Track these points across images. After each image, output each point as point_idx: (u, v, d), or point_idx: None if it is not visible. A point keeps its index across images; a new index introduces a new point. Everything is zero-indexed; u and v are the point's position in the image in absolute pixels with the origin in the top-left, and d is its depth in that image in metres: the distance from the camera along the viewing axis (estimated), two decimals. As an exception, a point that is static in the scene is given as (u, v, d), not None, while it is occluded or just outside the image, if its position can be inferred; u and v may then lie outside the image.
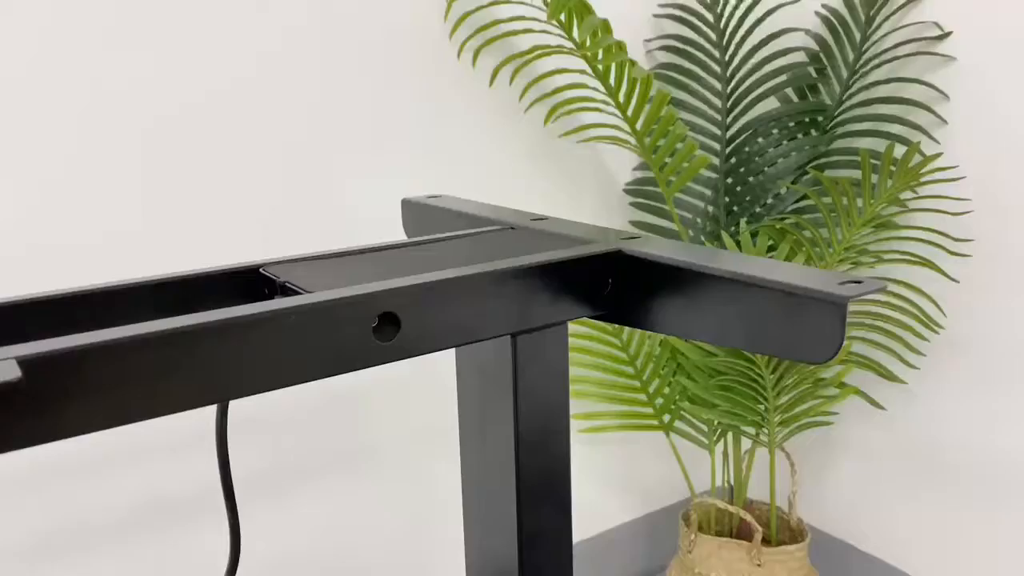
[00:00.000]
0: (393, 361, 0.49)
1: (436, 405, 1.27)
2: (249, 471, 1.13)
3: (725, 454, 1.41)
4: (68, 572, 1.02)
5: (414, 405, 1.25)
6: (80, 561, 1.03)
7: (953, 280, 1.20)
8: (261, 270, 0.56)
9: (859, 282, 0.47)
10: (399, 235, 1.14)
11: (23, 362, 0.38)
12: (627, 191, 1.40)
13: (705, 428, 1.37)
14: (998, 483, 1.25)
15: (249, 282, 0.56)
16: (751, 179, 1.31)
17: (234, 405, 1.10)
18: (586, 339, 1.32)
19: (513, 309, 0.55)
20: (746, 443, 1.51)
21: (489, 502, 0.65)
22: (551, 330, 0.60)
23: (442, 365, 1.26)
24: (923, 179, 1.14)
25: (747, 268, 0.51)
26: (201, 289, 0.54)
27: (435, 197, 0.80)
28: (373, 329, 0.49)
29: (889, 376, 1.27)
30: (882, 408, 1.29)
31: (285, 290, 0.52)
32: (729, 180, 1.33)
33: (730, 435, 1.45)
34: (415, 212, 0.79)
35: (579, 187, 1.36)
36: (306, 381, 0.47)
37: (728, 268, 0.51)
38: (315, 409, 1.17)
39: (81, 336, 0.41)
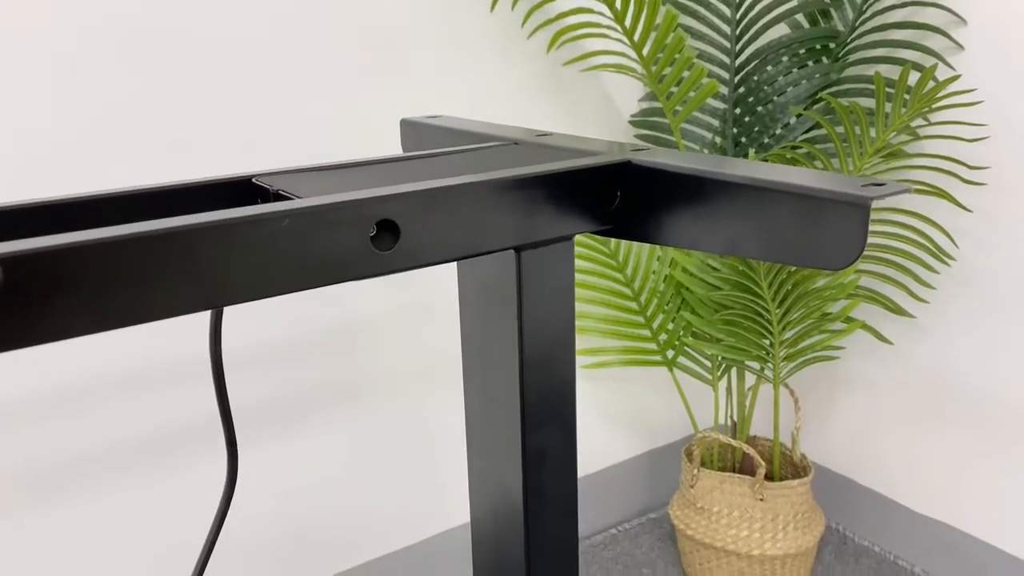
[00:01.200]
0: (393, 272, 0.47)
1: (437, 339, 1.26)
2: (248, 405, 1.12)
3: (728, 390, 1.41)
4: (68, 503, 1.02)
5: (414, 339, 1.24)
6: (80, 493, 1.02)
7: (966, 210, 1.18)
8: (253, 180, 0.53)
9: (881, 184, 0.45)
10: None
11: (3, 260, 0.36)
12: (632, 123, 1.37)
13: (709, 364, 1.36)
14: (1004, 418, 1.25)
15: (241, 192, 0.54)
16: (760, 108, 1.27)
17: (232, 339, 1.09)
18: (590, 275, 1.30)
19: (517, 221, 0.53)
20: (750, 379, 1.50)
21: (493, 424, 0.63)
22: (556, 246, 0.58)
23: (443, 297, 1.25)
24: (939, 104, 1.11)
25: (764, 174, 0.49)
26: (191, 199, 0.52)
27: (434, 117, 0.77)
28: (371, 239, 0.47)
29: (897, 310, 1.25)
30: (889, 343, 1.27)
31: (279, 197, 0.50)
32: (737, 110, 1.29)
33: (734, 371, 1.44)
34: (414, 132, 0.76)
35: (583, 119, 1.33)
36: (302, 289, 0.45)
37: (744, 174, 0.49)
38: (316, 344, 1.15)
39: (65, 235, 0.39)
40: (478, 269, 0.59)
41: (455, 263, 1.11)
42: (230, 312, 1.08)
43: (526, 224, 0.53)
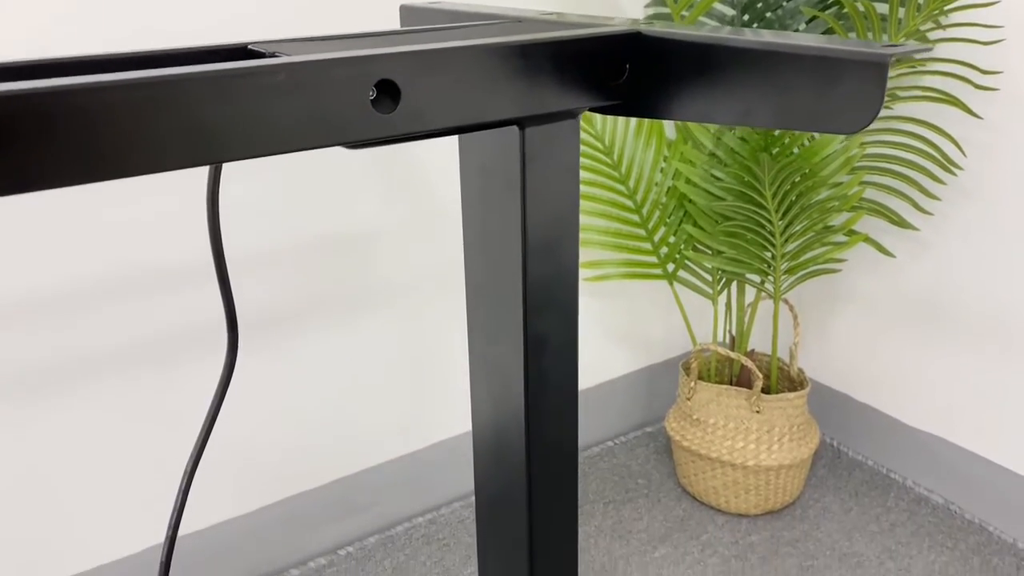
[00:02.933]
0: (392, 134, 0.46)
1: (438, 249, 1.25)
2: (247, 312, 1.12)
3: (728, 305, 1.40)
4: (68, 402, 1.02)
5: (416, 248, 1.23)
6: (81, 391, 1.03)
7: (976, 116, 1.15)
8: (249, 47, 0.51)
9: (899, 45, 0.43)
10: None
11: (-11, 100, 0.35)
12: (637, 30, 1.33)
13: (709, 278, 1.36)
14: (1005, 333, 1.25)
15: (237, 58, 0.52)
16: (769, 15, 1.23)
17: (231, 245, 1.08)
18: (591, 186, 1.28)
19: (520, 91, 0.51)
20: (749, 295, 1.50)
21: (494, 309, 0.63)
22: (561, 123, 0.56)
23: (446, 206, 1.23)
24: (953, 4, 1.07)
25: (778, 39, 0.47)
26: (186, 62, 0.50)
27: (436, 2, 0.74)
28: (372, 101, 0.45)
29: (901, 223, 1.24)
30: (891, 256, 1.27)
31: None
32: (746, 16, 1.26)
33: (734, 286, 1.43)
34: (414, 17, 0.74)
35: (587, 25, 1.29)
36: (301, 148, 0.43)
37: (758, 40, 0.47)
38: (315, 251, 1.14)
39: (55, 80, 0.37)
40: (480, 147, 0.58)
41: (457, 146, 1.08)
42: (227, 217, 1.07)
43: (530, 95, 0.52)
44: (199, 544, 1.16)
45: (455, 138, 1.19)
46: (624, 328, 1.52)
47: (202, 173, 1.03)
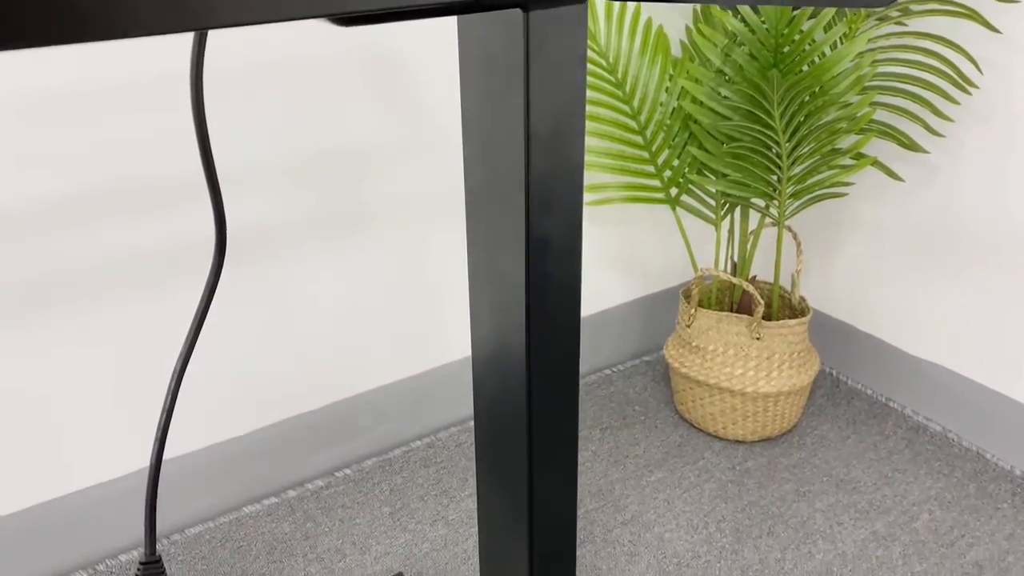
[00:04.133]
0: (386, 5, 0.43)
1: (439, 172, 1.22)
2: (240, 232, 1.09)
3: (731, 232, 1.38)
4: (57, 321, 1.00)
5: (417, 170, 1.20)
6: (70, 309, 1.01)
7: (995, 31, 1.11)
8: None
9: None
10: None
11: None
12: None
13: (712, 203, 1.33)
14: (1010, 261, 1.23)
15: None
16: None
17: (224, 161, 1.05)
18: (594, 105, 1.25)
19: (526, -34, 0.48)
20: (753, 221, 1.47)
21: (495, 211, 0.60)
22: (569, 8, 0.53)
23: (448, 127, 1.20)
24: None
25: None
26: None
27: None
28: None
29: (912, 146, 1.21)
30: (900, 180, 1.24)
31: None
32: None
33: (737, 211, 1.41)
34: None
35: (592, -64, 1.24)
36: (290, 17, 0.40)
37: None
38: (313, 170, 1.11)
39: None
40: (481, 33, 0.55)
41: (456, 35, 1.03)
42: (219, 135, 1.03)
43: (536, -27, 0.49)
44: (194, 465, 1.16)
45: (454, 43, 1.15)
46: (623, 256, 1.50)
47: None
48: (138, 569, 0.51)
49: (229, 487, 1.20)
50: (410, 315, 1.29)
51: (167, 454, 1.14)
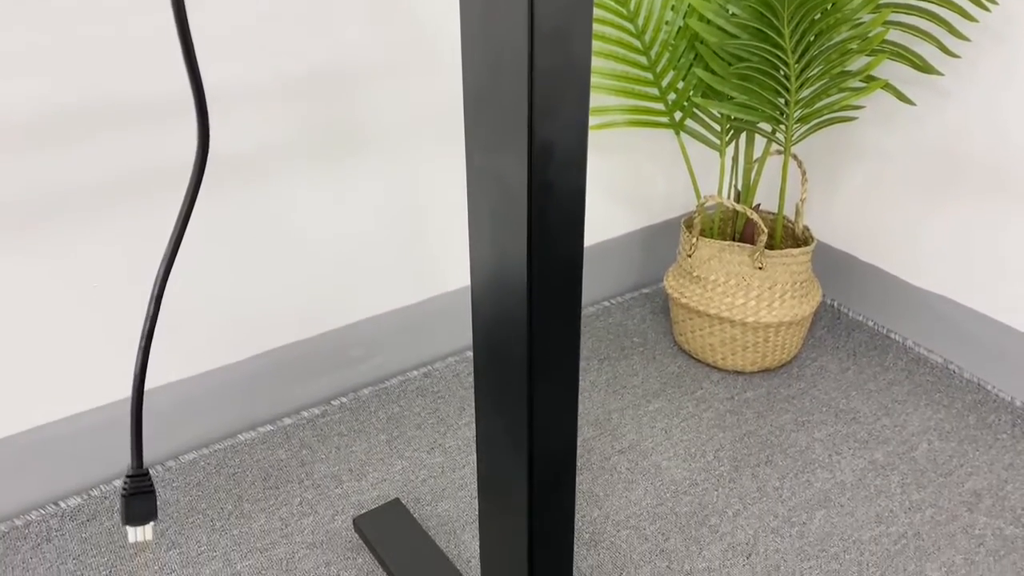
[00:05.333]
0: None
1: (435, 93, 1.18)
2: (225, 154, 1.05)
3: (735, 159, 1.35)
4: (40, 242, 0.97)
5: (412, 92, 1.16)
6: (54, 229, 0.98)
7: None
8: None
9: None
10: None
11: None
12: None
13: (717, 128, 1.29)
14: (1017, 189, 1.20)
15: None
16: None
17: (210, 78, 1.00)
18: (598, 23, 1.20)
19: None
20: (758, 150, 1.44)
21: (495, 114, 0.57)
22: None
23: (444, 45, 1.15)
24: None
25: None
26: None
27: None
28: None
29: (925, 67, 1.17)
30: (911, 103, 1.20)
31: None
32: None
33: (742, 138, 1.38)
34: None
35: None
36: None
37: None
38: (302, 88, 1.07)
39: None
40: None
41: None
42: (206, 52, 0.99)
43: None
44: (187, 392, 1.14)
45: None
46: (624, 186, 1.47)
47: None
48: (124, 481, 0.49)
49: (223, 414, 1.18)
50: (404, 243, 1.26)
51: (159, 380, 1.12)
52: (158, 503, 1.08)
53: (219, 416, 1.18)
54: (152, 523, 0.52)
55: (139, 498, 0.49)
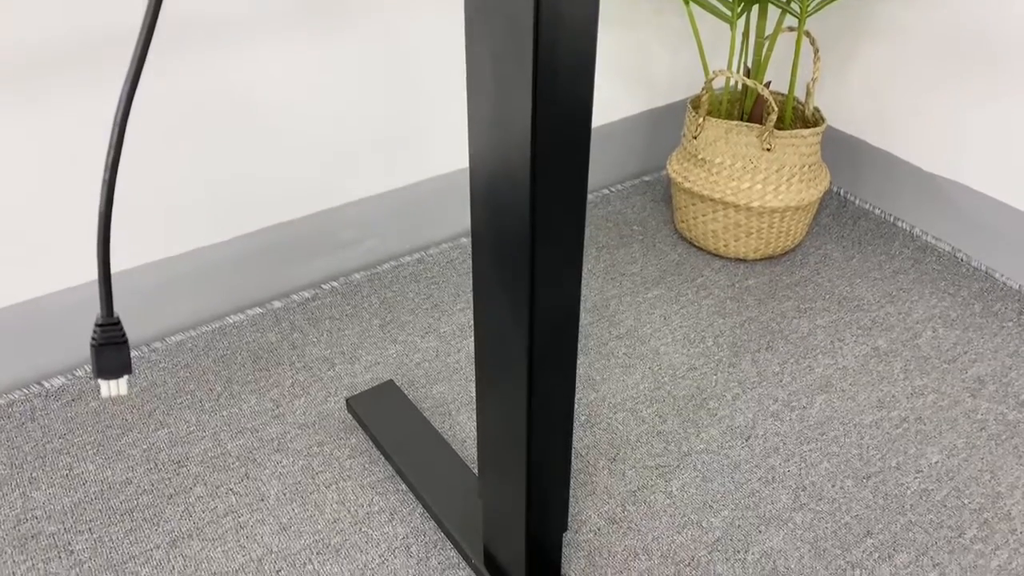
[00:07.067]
0: None
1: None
2: (204, 13, 0.98)
3: (745, 34, 1.27)
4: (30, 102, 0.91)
5: (398, -51, 1.07)
6: (12, 96, 0.91)
7: None
8: None
9: None
10: None
11: None
12: None
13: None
14: (1045, 64, 1.14)
15: None
16: None
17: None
18: None
19: None
20: (770, 26, 1.36)
21: (496, 31, 0.51)
22: None
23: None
24: None
25: None
26: None
27: None
28: None
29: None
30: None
31: None
32: None
33: (755, 11, 1.30)
34: None
35: None
36: None
37: None
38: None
39: None
40: None
41: None
42: None
43: None
44: (172, 271, 1.10)
45: None
46: (626, 65, 1.39)
47: None
48: (94, 331, 0.46)
49: (210, 296, 1.15)
50: (395, 120, 1.20)
51: (141, 258, 1.08)
52: (148, 380, 1.05)
53: (206, 298, 1.14)
54: (127, 376, 0.49)
55: (110, 349, 0.46)
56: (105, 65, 0.94)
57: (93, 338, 0.47)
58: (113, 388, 0.47)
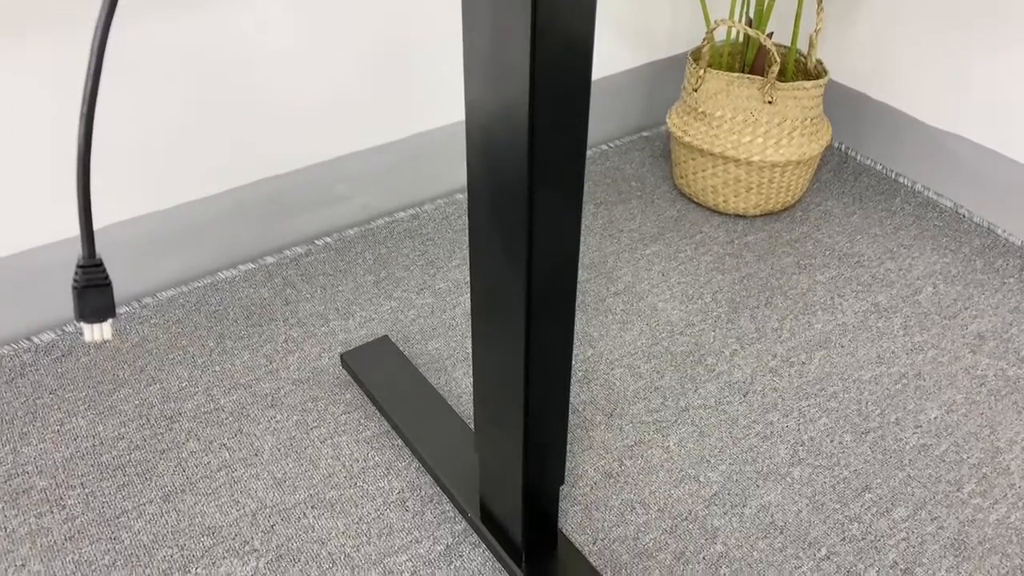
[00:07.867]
0: None
1: None
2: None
3: (748, -16, 1.24)
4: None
5: None
6: None
7: None
8: None
9: None
10: None
11: None
12: None
13: (731, -53, 1.18)
14: (1054, 14, 1.11)
15: None
16: None
17: None
18: None
19: None
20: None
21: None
22: None
23: None
24: None
25: None
26: None
27: None
28: None
29: None
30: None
31: None
32: None
33: (757, -40, 1.26)
34: None
35: None
36: None
37: None
38: None
39: None
40: None
41: None
42: None
43: None
44: (162, 225, 1.08)
45: None
46: (624, 18, 1.36)
47: None
48: (76, 273, 0.44)
49: (201, 251, 1.13)
50: (389, 71, 1.17)
51: (129, 212, 1.06)
52: (139, 336, 1.04)
53: (197, 253, 1.13)
54: (111, 320, 0.47)
55: (93, 292, 0.44)
56: (91, 4, 0.91)
57: (75, 280, 0.45)
58: (97, 332, 0.46)
